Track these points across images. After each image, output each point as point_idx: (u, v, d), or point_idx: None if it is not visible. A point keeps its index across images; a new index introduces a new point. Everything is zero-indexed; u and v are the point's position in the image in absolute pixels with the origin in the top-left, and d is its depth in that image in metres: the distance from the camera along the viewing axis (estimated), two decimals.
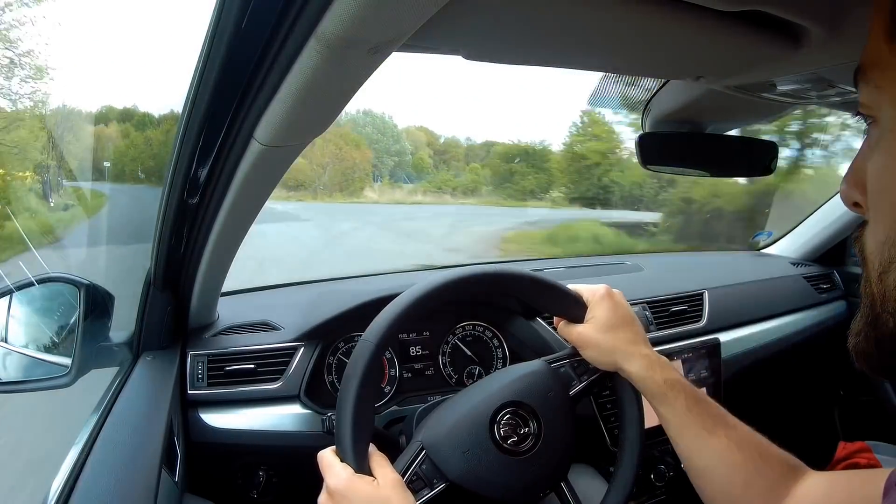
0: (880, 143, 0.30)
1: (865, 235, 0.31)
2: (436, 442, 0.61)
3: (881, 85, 0.30)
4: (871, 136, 0.31)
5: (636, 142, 0.76)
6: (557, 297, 0.68)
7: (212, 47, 0.41)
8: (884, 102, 0.30)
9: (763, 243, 1.71)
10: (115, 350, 0.83)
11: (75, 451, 0.61)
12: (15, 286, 0.77)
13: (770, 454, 0.56)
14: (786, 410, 1.41)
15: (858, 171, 0.32)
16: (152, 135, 6.26)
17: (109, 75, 7.79)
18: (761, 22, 0.43)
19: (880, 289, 0.29)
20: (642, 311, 1.12)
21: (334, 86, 0.42)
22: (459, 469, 0.60)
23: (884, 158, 0.30)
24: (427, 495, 0.58)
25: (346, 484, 0.54)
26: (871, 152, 0.31)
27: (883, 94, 0.30)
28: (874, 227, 0.30)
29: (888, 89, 0.30)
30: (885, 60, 0.29)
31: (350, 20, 0.33)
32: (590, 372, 0.68)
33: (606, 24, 0.43)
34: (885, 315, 0.29)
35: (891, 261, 0.28)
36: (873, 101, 0.31)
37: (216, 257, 0.75)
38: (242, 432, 0.84)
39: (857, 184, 0.32)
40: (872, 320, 0.30)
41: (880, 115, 0.30)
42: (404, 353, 0.99)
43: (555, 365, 0.69)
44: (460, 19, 0.38)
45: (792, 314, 1.34)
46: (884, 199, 0.29)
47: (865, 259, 0.31)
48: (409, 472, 0.59)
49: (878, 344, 0.30)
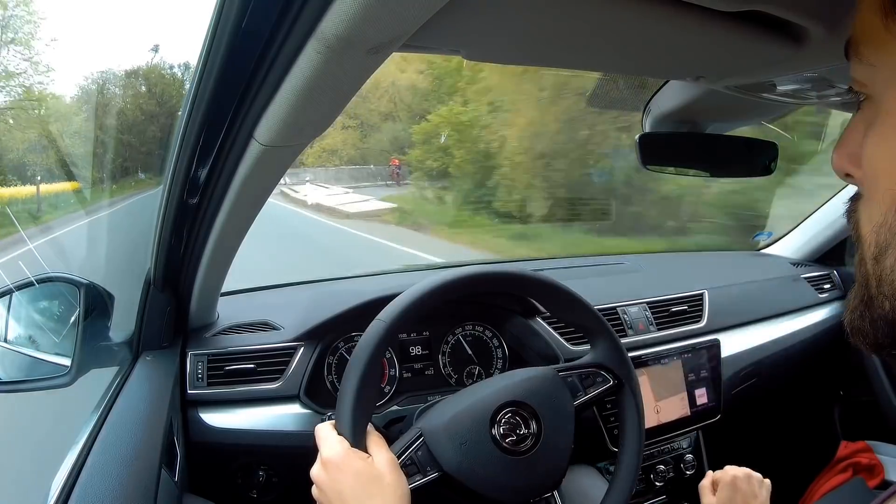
0: (876, 124, 0.29)
1: (859, 212, 0.30)
2: (434, 431, 0.61)
3: (876, 63, 0.29)
4: (865, 111, 0.30)
5: (636, 142, 0.76)
6: (573, 311, 0.73)
7: (212, 47, 0.41)
8: (879, 81, 0.29)
9: (763, 243, 1.71)
10: (115, 350, 0.83)
11: (75, 451, 0.61)
12: (15, 286, 0.77)
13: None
14: (786, 410, 1.41)
15: (850, 143, 0.31)
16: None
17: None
18: (761, 22, 0.43)
19: (876, 271, 0.29)
20: (642, 311, 1.12)
21: (334, 86, 0.42)
22: (454, 460, 0.60)
23: (881, 141, 0.29)
24: (419, 481, 0.59)
25: (341, 456, 0.54)
26: (866, 130, 0.30)
27: (878, 72, 0.29)
28: (869, 206, 0.30)
29: (884, 68, 0.28)
30: (880, 36, 0.28)
31: (350, 20, 0.33)
32: (596, 385, 0.70)
33: (606, 24, 0.43)
34: (880, 297, 0.29)
35: (887, 244, 0.28)
36: (868, 79, 0.30)
37: (216, 257, 0.75)
38: (242, 432, 0.84)
39: (850, 155, 0.31)
40: (868, 300, 0.30)
41: (875, 94, 0.29)
42: (404, 353, 0.99)
43: (563, 374, 0.70)
44: (460, 19, 0.38)
45: (792, 314, 1.34)
46: (880, 183, 0.29)
47: (860, 238, 0.30)
48: (405, 456, 0.60)
49: (872, 323, 0.30)
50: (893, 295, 0.28)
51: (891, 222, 0.28)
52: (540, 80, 7.00)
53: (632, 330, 1.08)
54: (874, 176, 0.29)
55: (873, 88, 0.29)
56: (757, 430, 1.32)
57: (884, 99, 0.29)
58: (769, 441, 1.35)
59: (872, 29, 0.28)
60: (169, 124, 9.83)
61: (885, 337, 0.29)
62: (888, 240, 0.28)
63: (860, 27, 0.29)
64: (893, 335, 0.29)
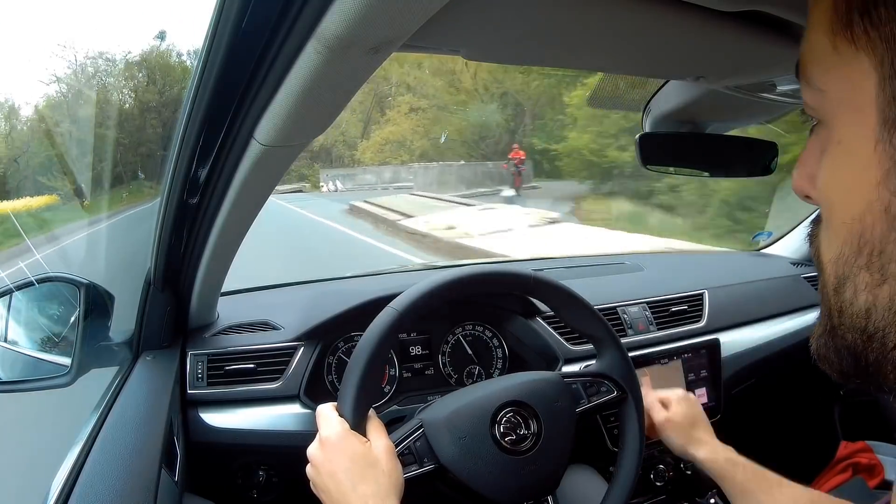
0: (828, 152, 0.27)
1: (820, 237, 0.30)
2: (435, 423, 0.62)
3: (824, 88, 0.27)
4: (818, 136, 0.29)
5: (636, 142, 0.76)
6: (587, 319, 0.73)
7: (212, 47, 0.41)
8: (828, 107, 0.27)
9: (763, 243, 1.70)
10: (115, 350, 0.83)
11: (75, 451, 0.61)
12: (15, 286, 0.77)
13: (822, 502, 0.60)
14: (786, 410, 1.41)
15: (809, 165, 0.30)
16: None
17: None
18: (761, 22, 0.43)
19: (836, 302, 0.28)
20: (642, 310, 1.12)
21: (334, 86, 0.42)
22: (452, 454, 0.60)
23: (834, 171, 0.27)
24: (414, 471, 0.59)
25: (340, 437, 0.55)
26: (819, 155, 0.28)
27: (826, 98, 0.27)
28: (827, 234, 0.29)
29: (832, 94, 0.26)
30: (828, 59, 0.26)
31: (350, 20, 0.33)
32: (600, 394, 0.70)
33: (607, 24, 0.43)
34: (842, 328, 0.28)
35: (845, 277, 0.27)
36: (817, 104, 0.28)
37: (216, 257, 0.75)
38: (242, 432, 0.84)
39: (808, 177, 0.30)
40: (831, 330, 0.29)
41: (826, 120, 0.28)
42: (404, 353, 0.99)
43: (568, 380, 0.70)
44: (460, 19, 0.38)
45: (792, 314, 1.34)
46: (835, 215, 0.28)
47: (821, 266, 0.29)
48: (403, 445, 0.60)
49: (836, 352, 0.29)
50: (854, 327, 0.27)
51: (847, 255, 0.27)
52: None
53: (632, 330, 1.08)
54: (829, 204, 0.28)
55: (823, 114, 0.28)
56: (757, 430, 1.32)
57: (834, 127, 0.27)
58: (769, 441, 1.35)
59: (820, 50, 0.26)
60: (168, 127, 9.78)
61: (849, 367, 0.29)
62: (846, 272, 0.27)
63: (808, 48, 0.27)
64: (857, 365, 0.28)
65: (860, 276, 0.26)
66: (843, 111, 0.26)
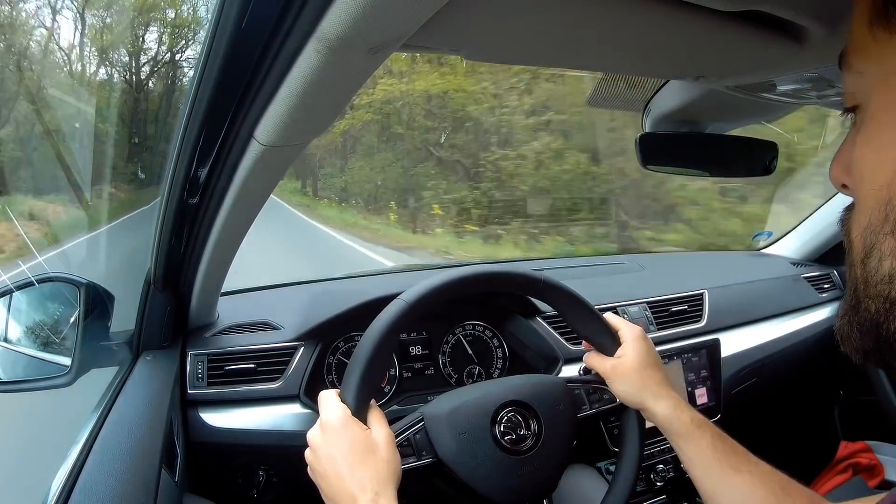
0: (862, 129, 0.30)
1: (851, 220, 0.32)
2: (436, 417, 0.62)
3: (863, 70, 0.30)
4: (855, 127, 0.32)
5: (636, 142, 0.76)
6: (594, 325, 0.69)
7: (212, 47, 0.41)
8: (866, 88, 0.30)
9: (763, 243, 1.71)
10: (115, 350, 0.83)
11: (75, 451, 0.62)
12: (15, 286, 0.77)
13: (791, 489, 0.56)
14: (786, 410, 1.41)
15: (846, 155, 0.32)
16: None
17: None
18: (761, 22, 0.43)
19: (863, 273, 0.30)
20: (642, 311, 1.12)
21: (334, 86, 0.42)
22: (451, 449, 0.60)
23: (866, 143, 0.30)
24: (412, 463, 0.59)
25: (341, 422, 0.54)
26: (855, 138, 0.31)
27: (864, 79, 0.30)
28: (858, 213, 0.31)
29: (869, 75, 0.30)
30: (867, 46, 0.29)
31: (350, 20, 0.33)
32: (602, 401, 0.70)
33: (607, 24, 0.43)
34: (866, 300, 0.30)
35: (872, 246, 0.29)
36: (857, 88, 0.31)
37: (216, 257, 0.75)
38: (242, 432, 0.84)
39: (845, 167, 0.33)
40: (855, 304, 0.31)
41: (863, 102, 0.31)
42: (404, 353, 0.99)
43: (572, 385, 0.70)
44: (460, 19, 0.38)
45: (792, 314, 1.34)
46: (864, 186, 0.30)
47: (850, 243, 0.32)
48: (403, 436, 0.60)
49: (859, 327, 0.31)
50: (878, 296, 0.29)
51: (874, 223, 0.29)
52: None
53: None
54: (860, 179, 0.30)
55: (861, 96, 0.31)
56: (757, 430, 1.32)
57: (869, 104, 0.30)
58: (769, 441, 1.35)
59: (861, 40, 0.30)
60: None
61: (869, 343, 0.30)
62: (872, 240, 0.29)
63: (851, 40, 0.31)
64: (878, 338, 0.30)
65: (886, 243, 0.28)
66: (878, 90, 0.29)
